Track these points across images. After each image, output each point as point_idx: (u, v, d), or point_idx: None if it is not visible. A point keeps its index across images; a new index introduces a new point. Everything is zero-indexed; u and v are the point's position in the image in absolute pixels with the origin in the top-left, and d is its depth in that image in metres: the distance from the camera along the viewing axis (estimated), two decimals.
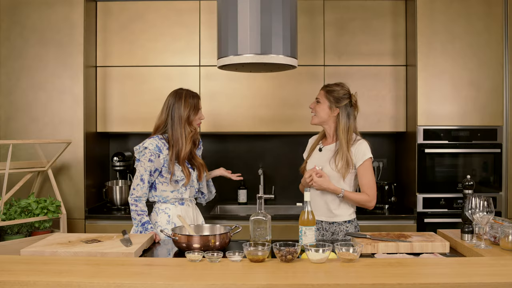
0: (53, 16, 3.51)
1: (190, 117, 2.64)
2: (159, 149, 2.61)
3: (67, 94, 3.52)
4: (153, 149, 2.60)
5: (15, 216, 3.02)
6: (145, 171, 2.61)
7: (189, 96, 2.67)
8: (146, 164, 2.60)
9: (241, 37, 2.41)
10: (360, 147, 2.66)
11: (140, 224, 2.59)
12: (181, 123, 2.63)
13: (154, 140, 2.63)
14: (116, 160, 3.85)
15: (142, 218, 2.60)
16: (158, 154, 2.61)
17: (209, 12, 3.70)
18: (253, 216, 2.29)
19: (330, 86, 2.70)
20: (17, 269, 1.86)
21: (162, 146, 2.62)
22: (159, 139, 2.64)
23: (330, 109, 2.66)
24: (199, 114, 2.70)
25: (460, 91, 3.49)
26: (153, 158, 2.60)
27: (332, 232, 2.67)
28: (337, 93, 2.66)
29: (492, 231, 2.30)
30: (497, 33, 3.50)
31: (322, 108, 2.68)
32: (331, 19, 3.71)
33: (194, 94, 2.71)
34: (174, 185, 2.66)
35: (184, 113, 2.63)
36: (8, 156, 2.97)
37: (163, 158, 2.62)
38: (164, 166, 2.63)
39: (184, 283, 1.70)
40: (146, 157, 2.60)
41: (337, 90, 2.67)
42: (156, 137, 2.65)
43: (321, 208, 2.67)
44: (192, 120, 2.66)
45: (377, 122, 3.71)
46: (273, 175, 4.03)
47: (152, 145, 2.60)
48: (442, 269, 1.88)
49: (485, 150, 3.51)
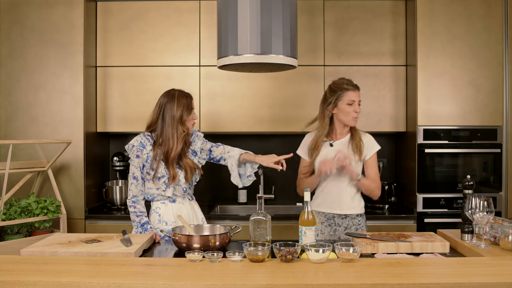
0: (53, 16, 3.51)
1: (183, 117, 2.62)
2: (143, 145, 2.63)
3: (67, 94, 3.52)
4: (138, 145, 2.62)
5: (15, 216, 3.02)
6: (136, 168, 2.62)
7: (182, 96, 2.65)
8: (135, 160, 2.62)
9: (241, 37, 2.41)
10: (369, 139, 2.78)
11: (140, 225, 2.59)
12: (173, 123, 2.61)
13: (139, 136, 2.66)
14: (116, 160, 3.85)
15: (141, 219, 2.60)
16: (141, 149, 2.62)
17: (209, 12, 3.71)
18: (253, 216, 2.29)
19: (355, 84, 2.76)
20: (17, 269, 1.86)
21: (146, 142, 2.63)
22: (144, 135, 2.66)
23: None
24: (192, 114, 2.66)
25: (460, 91, 3.49)
26: (139, 153, 2.62)
27: (345, 227, 2.70)
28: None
29: (492, 231, 2.30)
30: (497, 33, 3.50)
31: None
32: (331, 19, 3.71)
33: (187, 94, 2.69)
34: (156, 183, 2.64)
35: (177, 113, 2.61)
36: (8, 156, 2.98)
37: (146, 154, 2.62)
38: (147, 161, 2.63)
39: (184, 283, 1.71)
40: (134, 154, 2.63)
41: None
42: (142, 134, 2.67)
43: (335, 201, 2.73)
44: (185, 120, 2.64)
45: (377, 122, 3.71)
46: (273, 175, 4.03)
47: (137, 141, 2.63)
48: (442, 269, 1.88)
49: (485, 150, 3.51)
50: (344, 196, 2.72)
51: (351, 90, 2.71)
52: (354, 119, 2.72)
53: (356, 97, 2.71)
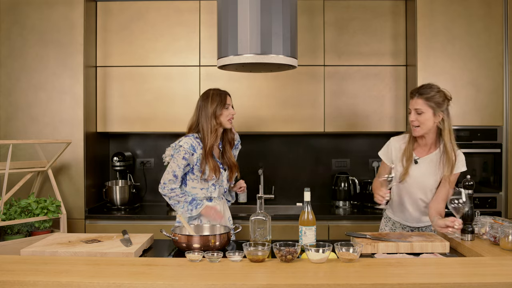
0: (53, 16, 3.51)
1: (216, 111, 2.68)
2: (194, 148, 2.66)
3: (67, 94, 3.52)
4: (188, 148, 2.66)
5: (15, 216, 3.01)
6: (179, 168, 2.67)
7: (216, 94, 2.73)
8: (179, 161, 2.66)
9: (241, 37, 2.41)
10: (461, 157, 2.57)
11: (188, 204, 2.65)
12: (208, 118, 2.68)
13: (189, 139, 2.68)
14: (116, 160, 3.85)
15: (186, 198, 2.67)
16: (192, 153, 2.66)
17: (209, 12, 3.71)
18: (253, 216, 2.29)
19: (426, 92, 2.50)
20: (17, 269, 1.87)
21: (197, 146, 2.68)
22: (194, 138, 2.70)
23: (435, 116, 2.50)
24: (228, 110, 2.71)
25: (460, 91, 3.49)
26: (187, 156, 2.66)
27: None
28: (437, 97, 2.49)
29: (492, 231, 2.30)
30: (497, 33, 3.50)
31: (427, 117, 2.49)
32: (331, 19, 3.72)
33: (221, 92, 2.76)
34: (203, 183, 2.71)
35: (210, 109, 2.68)
36: (8, 156, 2.97)
37: (197, 158, 2.67)
38: (196, 164, 2.68)
39: (184, 283, 1.71)
40: (180, 155, 2.66)
41: (435, 95, 2.49)
42: (191, 135, 2.71)
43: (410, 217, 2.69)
44: (220, 115, 2.69)
45: (377, 122, 3.71)
46: (273, 175, 4.03)
47: (187, 144, 2.66)
48: (442, 269, 1.88)
49: (485, 150, 3.51)
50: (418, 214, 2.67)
51: (411, 97, 2.54)
52: (413, 129, 2.54)
53: (413, 105, 2.52)
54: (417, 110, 2.50)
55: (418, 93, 2.51)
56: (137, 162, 4.08)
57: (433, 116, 2.49)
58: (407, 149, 2.60)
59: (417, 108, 2.49)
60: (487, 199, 3.49)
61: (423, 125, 2.50)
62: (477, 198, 3.46)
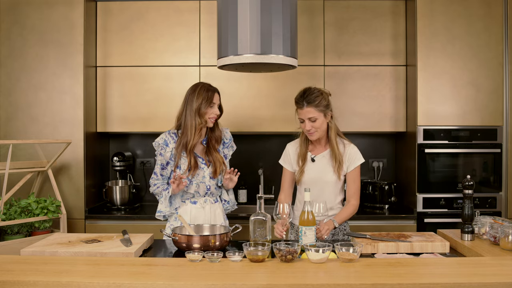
0: (53, 16, 3.51)
1: (201, 109, 2.64)
2: (166, 142, 2.70)
3: (67, 94, 3.52)
4: (162, 143, 2.70)
5: (15, 216, 3.02)
6: (157, 164, 2.73)
7: (204, 89, 2.68)
8: (158, 157, 2.73)
9: (241, 37, 2.41)
10: (352, 151, 2.67)
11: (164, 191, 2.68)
12: (192, 113, 2.65)
13: (164, 134, 2.73)
14: (116, 160, 3.85)
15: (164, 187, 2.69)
16: (164, 147, 2.69)
17: (209, 12, 3.71)
18: (253, 216, 2.29)
19: (313, 100, 2.56)
20: (17, 269, 1.87)
21: (170, 140, 2.69)
22: (168, 133, 2.73)
23: (325, 117, 2.61)
24: (212, 109, 2.66)
25: (460, 91, 3.49)
26: (162, 151, 2.70)
27: (332, 234, 2.68)
28: (323, 100, 2.58)
29: (492, 231, 2.30)
30: (497, 33, 3.50)
31: (320, 122, 2.59)
32: (331, 19, 3.71)
33: (209, 88, 2.70)
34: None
35: (195, 104, 2.64)
36: (8, 156, 2.97)
37: (169, 152, 2.69)
38: (171, 159, 2.69)
39: (184, 283, 1.71)
40: (158, 151, 2.73)
41: (321, 98, 2.57)
42: (167, 132, 2.74)
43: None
44: (204, 113, 2.65)
45: (377, 122, 3.71)
46: (273, 175, 4.02)
47: (161, 139, 2.71)
48: (442, 269, 1.88)
49: (485, 150, 3.51)
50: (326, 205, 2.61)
51: (299, 107, 2.59)
52: (309, 135, 2.62)
53: (305, 115, 2.57)
54: (310, 119, 2.58)
55: (306, 102, 2.56)
56: (137, 162, 4.08)
57: (324, 118, 2.61)
58: (301, 151, 2.72)
59: (311, 117, 2.57)
60: (487, 199, 3.49)
61: (319, 129, 2.61)
62: (477, 198, 3.46)
